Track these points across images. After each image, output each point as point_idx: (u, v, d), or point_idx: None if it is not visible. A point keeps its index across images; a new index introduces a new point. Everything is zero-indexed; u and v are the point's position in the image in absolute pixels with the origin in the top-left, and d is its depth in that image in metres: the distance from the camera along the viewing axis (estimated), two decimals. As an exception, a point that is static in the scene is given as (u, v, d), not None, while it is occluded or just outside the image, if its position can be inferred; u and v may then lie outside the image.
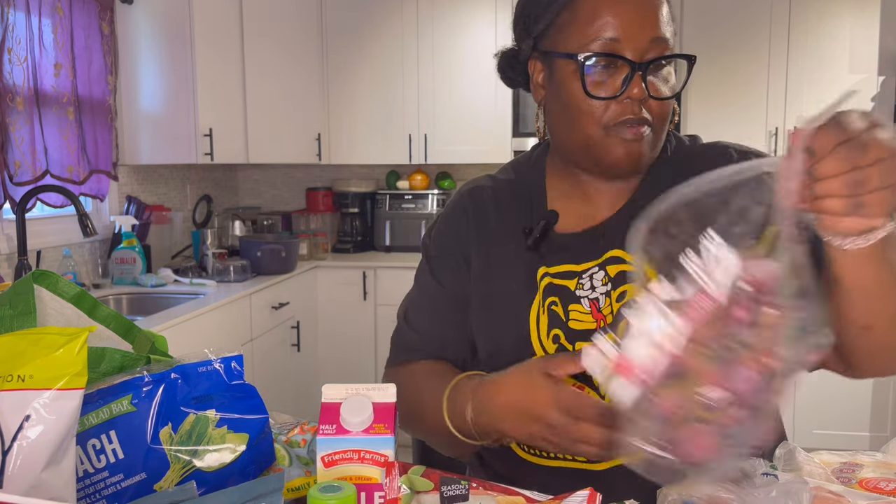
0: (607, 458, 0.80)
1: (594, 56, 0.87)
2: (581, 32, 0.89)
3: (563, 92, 0.91)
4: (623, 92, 0.87)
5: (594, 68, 0.88)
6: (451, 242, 1.05)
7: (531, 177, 1.04)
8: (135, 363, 0.82)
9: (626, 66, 0.87)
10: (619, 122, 0.89)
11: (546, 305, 0.95)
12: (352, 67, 3.75)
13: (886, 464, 0.86)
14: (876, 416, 3.28)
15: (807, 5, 3.42)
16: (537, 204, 1.01)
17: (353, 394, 0.74)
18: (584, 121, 0.90)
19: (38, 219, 2.69)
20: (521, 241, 0.99)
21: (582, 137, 0.91)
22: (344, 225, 4.02)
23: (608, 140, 0.90)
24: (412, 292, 1.11)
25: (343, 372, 3.61)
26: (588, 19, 0.88)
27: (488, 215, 1.04)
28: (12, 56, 2.38)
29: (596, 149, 0.91)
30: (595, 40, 0.87)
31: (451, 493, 0.69)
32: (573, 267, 0.96)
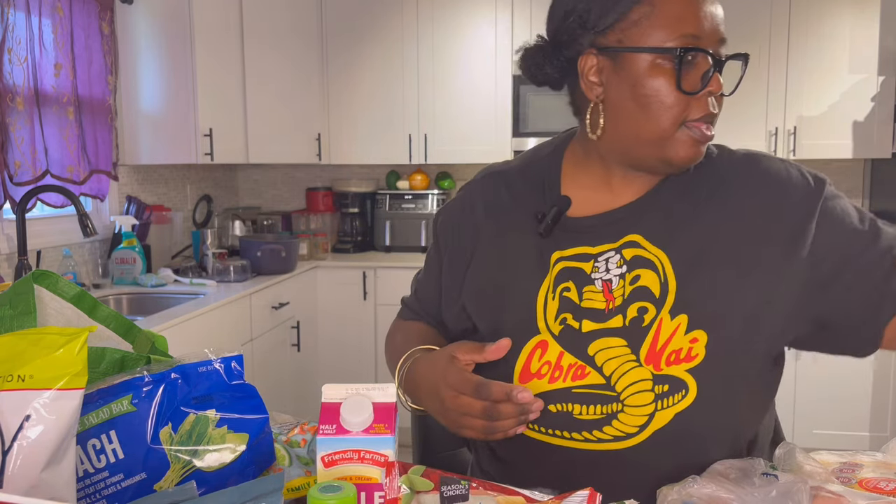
0: (491, 433, 0.87)
1: (688, 50, 0.87)
2: (663, 27, 0.88)
3: (640, 87, 0.90)
4: (704, 88, 0.89)
5: (684, 63, 0.88)
6: (457, 225, 1.09)
7: (547, 164, 1.05)
8: (135, 363, 0.82)
9: (707, 62, 0.89)
10: (698, 119, 0.90)
11: (558, 292, 0.96)
12: (352, 68, 3.76)
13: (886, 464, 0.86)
14: (876, 416, 3.28)
15: (807, 5, 3.42)
16: (550, 190, 1.03)
17: (353, 394, 0.74)
18: (663, 116, 0.89)
19: (38, 219, 2.69)
20: (533, 226, 1.01)
21: (655, 132, 0.91)
22: (344, 225, 4.02)
23: (681, 135, 0.90)
24: (423, 266, 1.18)
25: (343, 372, 3.61)
26: (669, 14, 0.88)
27: (501, 200, 1.06)
28: (12, 56, 2.38)
29: (666, 143, 0.91)
30: (680, 36, 0.88)
31: (451, 493, 0.69)
32: (589, 249, 0.97)
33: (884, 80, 3.40)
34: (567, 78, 0.98)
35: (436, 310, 1.13)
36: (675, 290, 0.92)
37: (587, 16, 0.92)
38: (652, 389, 0.91)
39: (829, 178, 0.99)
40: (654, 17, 0.88)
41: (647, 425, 0.91)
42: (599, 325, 0.93)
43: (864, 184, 3.81)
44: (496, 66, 3.63)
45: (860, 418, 3.29)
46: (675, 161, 0.92)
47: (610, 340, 0.93)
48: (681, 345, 0.91)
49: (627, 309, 0.93)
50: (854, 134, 3.44)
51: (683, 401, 0.91)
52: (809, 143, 3.48)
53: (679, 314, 0.91)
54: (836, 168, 3.81)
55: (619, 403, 0.91)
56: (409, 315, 1.18)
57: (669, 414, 0.91)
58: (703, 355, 0.90)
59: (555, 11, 0.97)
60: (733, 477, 0.81)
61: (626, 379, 0.91)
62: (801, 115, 3.48)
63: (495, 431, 0.87)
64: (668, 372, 0.91)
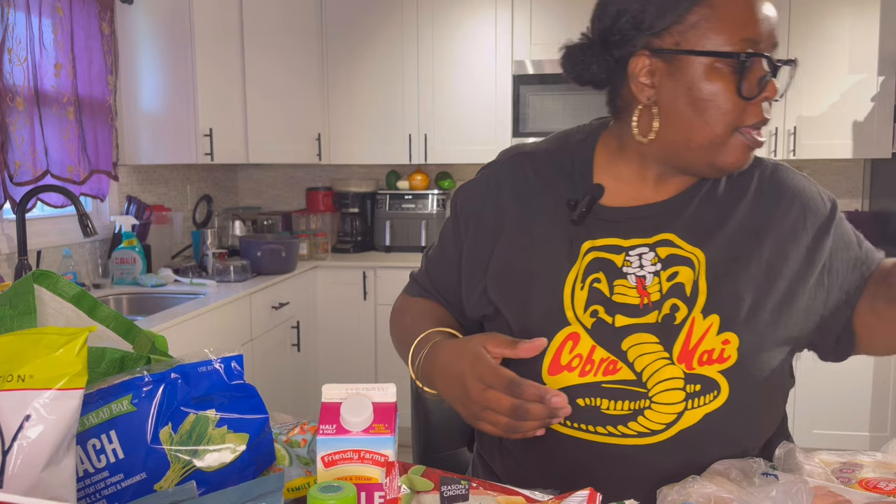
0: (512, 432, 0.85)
1: (751, 56, 0.86)
2: (723, 31, 0.87)
3: (696, 90, 0.88)
4: (761, 93, 0.88)
5: (734, 67, 0.87)
6: (482, 203, 1.05)
7: (579, 151, 1.03)
8: (135, 363, 0.82)
9: (763, 67, 0.88)
10: (752, 124, 0.89)
11: (588, 282, 0.95)
12: (352, 67, 3.75)
13: (886, 464, 0.86)
14: (876, 416, 3.28)
15: (807, 5, 3.42)
16: (582, 177, 1.01)
17: (353, 394, 0.74)
18: (719, 121, 0.88)
19: (38, 219, 2.69)
20: (563, 212, 0.99)
21: (708, 137, 0.89)
22: (344, 225, 4.02)
23: (734, 140, 0.90)
24: (437, 241, 1.15)
25: (343, 372, 3.61)
26: (729, 17, 0.87)
27: (529, 183, 1.03)
28: (12, 56, 2.38)
29: (718, 149, 0.90)
30: (740, 40, 0.86)
31: (451, 493, 0.69)
32: (620, 241, 0.96)
33: (884, 80, 3.40)
34: (612, 78, 0.96)
35: (448, 290, 1.10)
36: (706, 290, 0.93)
37: (642, 16, 0.90)
38: (683, 388, 0.90)
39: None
40: (714, 20, 0.87)
41: (673, 423, 0.91)
42: (633, 319, 0.93)
43: (864, 184, 3.81)
44: (496, 66, 3.63)
45: (860, 418, 3.29)
46: (724, 166, 0.91)
47: (643, 336, 0.92)
48: (713, 345, 0.91)
49: (663, 305, 0.93)
50: (854, 134, 3.44)
51: (714, 401, 0.90)
52: (809, 143, 3.48)
53: (711, 314, 0.92)
54: (836, 168, 3.81)
55: (648, 400, 0.91)
56: (418, 291, 1.14)
57: (699, 414, 0.90)
58: (736, 358, 0.91)
59: (605, 10, 0.94)
60: (733, 477, 0.81)
61: (657, 376, 0.91)
62: (801, 115, 3.48)
63: (517, 431, 0.85)
64: (700, 372, 0.91)
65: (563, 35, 1.02)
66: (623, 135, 0.98)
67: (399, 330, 1.12)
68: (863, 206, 3.82)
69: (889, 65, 3.39)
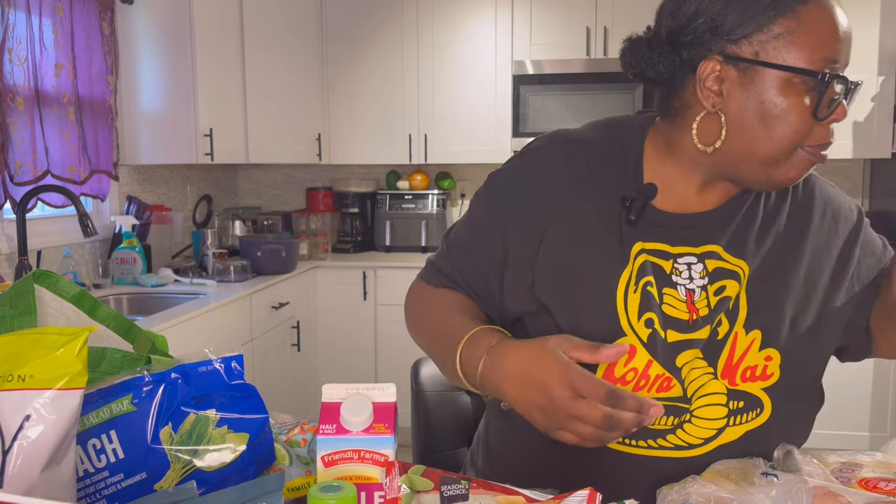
0: (595, 442, 0.79)
1: (833, 77, 0.83)
2: (806, 46, 0.83)
3: (769, 104, 0.84)
4: (831, 114, 0.85)
5: (807, 84, 0.83)
6: (527, 192, 0.97)
7: (629, 144, 0.97)
8: (135, 363, 0.82)
9: (835, 88, 0.84)
10: (819, 145, 0.87)
11: (641, 285, 0.91)
12: (352, 68, 3.75)
13: (886, 464, 0.86)
14: (876, 416, 3.28)
15: (807, 5, 3.41)
16: (633, 173, 0.96)
17: (353, 394, 0.74)
18: (787, 137, 0.85)
19: (38, 219, 2.69)
20: (615, 208, 0.94)
21: (770, 151, 0.86)
22: (344, 225, 4.02)
23: (795, 158, 0.87)
24: (462, 223, 1.05)
25: (343, 372, 3.61)
26: (814, 33, 0.83)
27: (581, 172, 0.96)
28: (13, 56, 2.38)
29: (778, 165, 0.87)
30: (822, 58, 0.83)
31: (451, 493, 0.69)
32: (668, 247, 0.93)
33: (884, 80, 3.40)
34: (675, 78, 0.91)
35: (479, 283, 1.01)
36: (746, 304, 0.91)
37: (722, 20, 0.85)
38: (726, 404, 0.89)
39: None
40: (798, 34, 0.83)
41: (713, 438, 0.90)
42: (684, 335, 0.90)
43: (864, 184, 3.81)
44: (496, 66, 3.63)
45: (860, 418, 3.29)
46: (780, 182, 0.88)
47: (694, 353, 0.90)
48: (756, 361, 0.90)
49: (713, 320, 0.91)
50: (854, 134, 3.44)
51: (757, 419, 0.90)
52: (809, 143, 3.48)
53: (753, 329, 0.90)
54: (836, 168, 3.81)
55: (689, 414, 0.89)
56: (441, 281, 1.04)
57: (740, 430, 0.90)
58: (778, 375, 0.90)
59: (682, 8, 0.88)
60: (733, 477, 0.81)
61: (701, 390, 0.89)
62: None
63: (602, 441, 0.80)
64: (744, 388, 0.90)
65: (563, 35, 1.02)
66: (674, 137, 0.93)
67: (426, 324, 1.03)
68: (863, 206, 3.82)
69: (889, 65, 3.39)
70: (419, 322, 1.05)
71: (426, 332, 1.03)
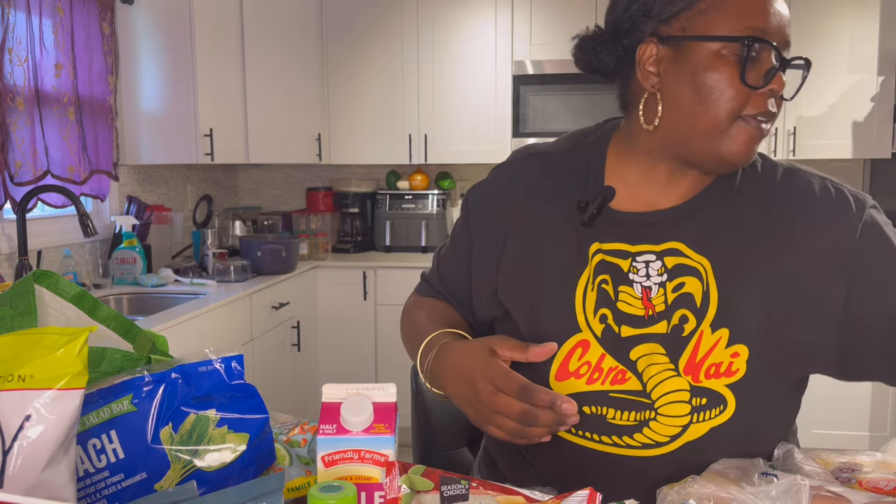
0: (520, 437, 0.85)
1: (755, 41, 0.85)
2: (730, 19, 0.86)
3: (700, 76, 0.88)
4: (766, 84, 0.87)
5: (749, 55, 0.86)
6: (493, 203, 1.05)
7: (592, 151, 1.02)
8: (135, 363, 0.82)
9: (771, 59, 0.87)
10: (754, 114, 0.88)
11: (596, 283, 0.94)
12: (352, 67, 3.76)
13: (886, 464, 0.86)
14: (875, 416, 3.28)
15: (807, 5, 3.42)
16: (594, 178, 1.00)
17: (354, 394, 0.74)
18: (721, 107, 0.87)
19: (38, 219, 2.69)
20: (574, 214, 0.98)
21: (710, 124, 0.88)
22: (344, 225, 4.02)
23: (735, 129, 0.88)
24: (447, 241, 1.15)
25: (343, 372, 3.61)
26: (739, 6, 0.86)
27: (541, 183, 1.02)
28: (13, 56, 2.38)
29: (720, 138, 0.89)
30: (747, 28, 0.86)
31: (451, 493, 0.69)
32: (627, 247, 0.95)
33: (884, 80, 3.40)
34: (621, 68, 0.96)
35: (459, 289, 1.09)
36: (716, 302, 0.91)
37: (652, 3, 0.90)
38: (689, 401, 0.89)
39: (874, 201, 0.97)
40: (722, 9, 0.86)
41: (678, 436, 0.90)
42: (639, 330, 0.92)
43: (864, 184, 3.81)
44: (496, 66, 3.63)
45: (860, 418, 3.29)
46: (727, 157, 0.89)
47: (652, 346, 0.91)
48: (721, 358, 0.89)
49: (672, 316, 0.91)
50: (854, 134, 3.44)
51: (721, 416, 0.90)
52: (809, 143, 3.48)
53: (720, 327, 0.90)
54: (835, 168, 3.81)
55: (653, 412, 0.90)
56: (428, 292, 1.14)
57: (704, 427, 0.90)
58: (745, 371, 0.89)
59: (618, 0, 0.95)
60: (733, 477, 0.81)
61: (662, 388, 0.90)
62: (801, 115, 3.48)
63: (525, 436, 0.85)
64: (707, 385, 0.90)
65: (563, 35, 1.03)
66: (632, 131, 0.98)
67: (409, 330, 1.11)
68: (863, 206, 3.82)
69: (889, 65, 3.39)
70: (404, 329, 1.14)
71: (407, 337, 1.12)
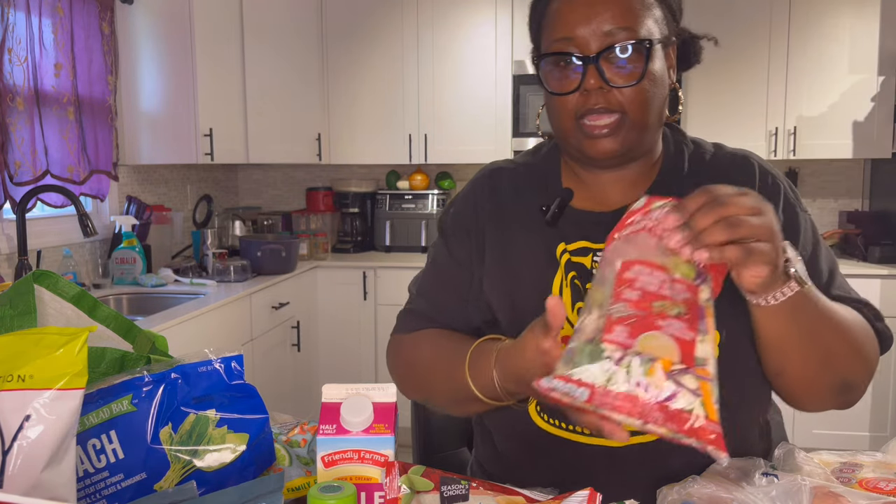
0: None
1: (544, 56, 0.95)
2: (545, 36, 0.97)
3: (543, 92, 0.98)
4: (580, 85, 0.92)
5: (550, 67, 0.95)
6: (467, 221, 1.08)
7: (548, 162, 1.08)
8: (135, 363, 0.82)
9: (579, 60, 0.92)
10: (584, 113, 0.93)
11: (569, 279, 0.99)
12: (352, 67, 3.75)
13: (886, 464, 0.86)
14: (876, 416, 3.28)
15: (807, 5, 3.42)
16: (553, 185, 1.06)
17: (353, 394, 0.74)
18: (558, 115, 0.96)
19: (38, 219, 2.69)
20: (539, 220, 1.02)
21: (560, 130, 0.98)
22: (344, 225, 4.02)
23: (578, 131, 0.95)
24: (425, 268, 1.14)
25: (343, 372, 3.61)
26: (549, 23, 0.96)
27: (506, 196, 1.07)
28: (12, 56, 2.38)
29: (571, 140, 0.97)
30: (553, 41, 0.94)
31: (451, 493, 0.69)
32: (589, 244, 0.99)
33: (884, 80, 3.40)
34: None
35: (452, 309, 1.07)
36: None
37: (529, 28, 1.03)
38: None
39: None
40: (543, 27, 0.98)
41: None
42: None
43: (864, 184, 3.81)
44: (496, 66, 3.63)
45: (860, 418, 3.29)
46: (582, 154, 0.96)
47: None
48: None
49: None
50: (854, 134, 3.44)
51: None
52: (809, 143, 3.48)
53: None
54: (836, 168, 3.81)
55: None
56: (417, 324, 1.09)
57: None
58: (718, 354, 0.90)
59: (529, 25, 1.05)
60: (733, 477, 0.81)
61: None
62: (801, 115, 3.48)
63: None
64: None
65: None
66: None
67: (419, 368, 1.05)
68: (863, 206, 3.82)
69: (889, 65, 3.39)
70: (410, 370, 1.07)
71: (422, 374, 1.05)
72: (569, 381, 0.70)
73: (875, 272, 3.20)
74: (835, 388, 0.91)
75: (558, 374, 0.71)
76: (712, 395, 0.68)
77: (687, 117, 3.50)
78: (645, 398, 0.68)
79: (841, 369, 0.89)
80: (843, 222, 3.72)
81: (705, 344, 0.71)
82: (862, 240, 3.48)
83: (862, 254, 3.44)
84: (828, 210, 3.85)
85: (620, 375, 0.68)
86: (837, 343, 0.87)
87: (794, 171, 3.78)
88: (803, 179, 3.82)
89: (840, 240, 3.61)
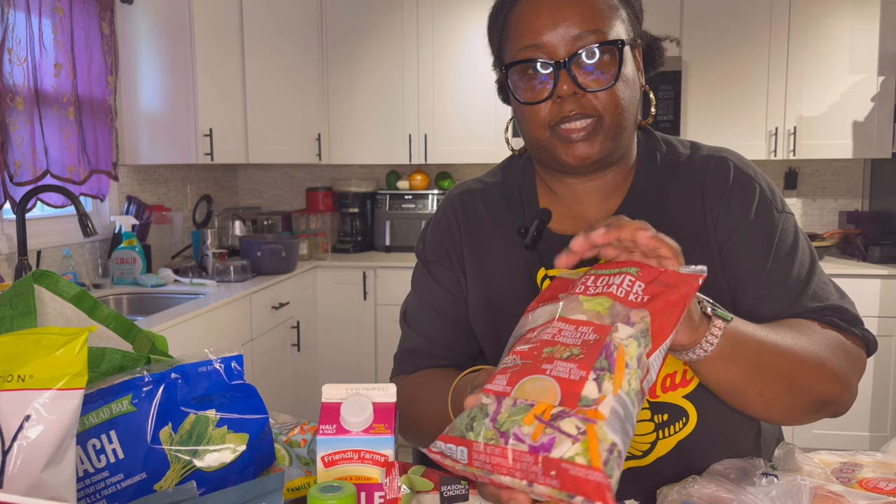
0: None
1: (512, 65, 0.91)
2: (510, 46, 0.93)
3: (512, 103, 0.95)
4: (552, 93, 0.88)
5: (518, 77, 0.91)
6: (444, 246, 1.05)
7: (521, 178, 1.04)
8: (135, 363, 0.82)
9: (549, 67, 0.89)
10: (559, 121, 0.89)
11: None
12: (352, 68, 3.75)
13: (886, 464, 0.86)
14: (876, 416, 3.28)
15: (807, 5, 3.42)
16: (529, 204, 1.02)
17: (353, 394, 0.74)
18: (530, 126, 0.92)
19: (38, 219, 2.69)
20: (517, 243, 0.99)
21: (534, 141, 0.94)
22: (344, 225, 4.02)
23: (553, 140, 0.91)
24: (412, 298, 1.10)
25: (343, 372, 3.61)
26: (513, 32, 0.92)
27: (480, 218, 1.03)
28: (12, 56, 2.38)
29: (546, 150, 0.92)
30: (520, 50, 0.90)
31: (451, 493, 0.69)
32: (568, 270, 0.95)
33: (884, 80, 3.40)
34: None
35: (446, 339, 1.04)
36: None
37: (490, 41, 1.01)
38: (651, 419, 0.90)
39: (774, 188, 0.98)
40: (507, 38, 0.94)
41: (649, 452, 0.91)
42: None
43: (864, 184, 3.81)
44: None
45: (860, 418, 3.29)
46: (559, 162, 0.92)
47: None
48: (675, 367, 0.90)
49: None
50: (854, 134, 3.44)
51: (685, 429, 0.90)
52: (809, 143, 3.48)
53: None
54: (836, 168, 3.81)
55: None
56: (414, 365, 1.05)
57: (671, 442, 0.90)
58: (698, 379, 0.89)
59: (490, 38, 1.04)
60: (733, 477, 0.81)
61: None
62: (801, 115, 3.48)
63: None
64: (665, 399, 0.90)
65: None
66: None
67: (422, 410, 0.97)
68: (863, 206, 3.82)
69: (889, 65, 3.39)
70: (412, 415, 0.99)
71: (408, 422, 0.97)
72: (448, 441, 0.63)
73: (875, 272, 3.20)
74: (811, 407, 0.86)
75: (443, 433, 0.65)
76: (602, 440, 0.58)
77: (687, 117, 3.50)
78: (520, 450, 0.59)
79: (810, 390, 0.85)
80: (843, 222, 3.72)
81: (605, 382, 0.61)
82: (862, 240, 3.48)
83: (862, 254, 3.44)
84: (828, 210, 3.85)
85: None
86: (796, 367, 0.83)
87: (794, 171, 3.78)
88: (803, 179, 3.83)
89: (840, 240, 3.61)
